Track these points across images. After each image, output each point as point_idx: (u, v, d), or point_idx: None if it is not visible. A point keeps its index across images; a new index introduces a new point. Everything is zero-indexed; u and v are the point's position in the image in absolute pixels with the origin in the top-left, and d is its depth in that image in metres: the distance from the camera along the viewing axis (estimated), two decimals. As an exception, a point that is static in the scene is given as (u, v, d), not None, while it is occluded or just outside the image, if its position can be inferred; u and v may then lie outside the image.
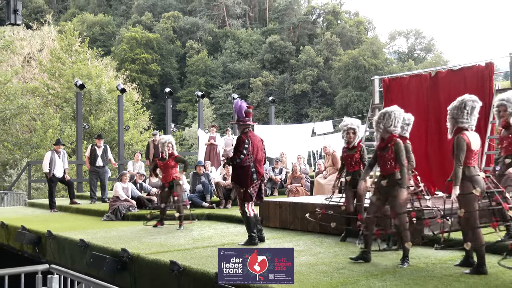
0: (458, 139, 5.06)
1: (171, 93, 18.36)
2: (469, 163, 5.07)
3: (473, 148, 5.07)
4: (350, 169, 7.04)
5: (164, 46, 66.24)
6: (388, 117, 5.71)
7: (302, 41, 68.54)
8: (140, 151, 18.04)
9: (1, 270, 4.99)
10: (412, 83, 9.79)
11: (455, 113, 5.16)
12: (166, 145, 8.99)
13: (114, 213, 10.66)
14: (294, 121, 53.47)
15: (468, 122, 5.15)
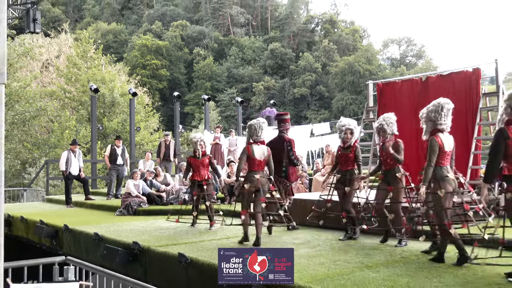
0: (432, 141, 5.09)
1: (179, 96, 18.35)
2: (442, 163, 5.11)
3: (445, 149, 5.11)
4: (343, 168, 6.98)
5: (173, 53, 66.26)
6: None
7: (302, 48, 68.48)
8: (150, 151, 18.04)
9: (20, 262, 4.99)
10: (404, 87, 9.76)
11: (432, 116, 5.17)
12: (199, 144, 8.22)
13: (126, 209, 10.66)
14: (293, 123, 53.26)
15: (445, 124, 5.18)
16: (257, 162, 6.67)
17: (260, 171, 6.70)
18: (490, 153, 4.32)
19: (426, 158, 5.10)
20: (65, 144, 23.83)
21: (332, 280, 4.51)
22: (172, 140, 14.64)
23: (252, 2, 78.28)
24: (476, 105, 8.45)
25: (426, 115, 5.23)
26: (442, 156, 5.08)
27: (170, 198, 11.46)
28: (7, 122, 24.32)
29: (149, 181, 11.89)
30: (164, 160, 13.90)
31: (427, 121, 5.23)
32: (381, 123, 6.33)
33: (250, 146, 6.72)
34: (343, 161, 6.96)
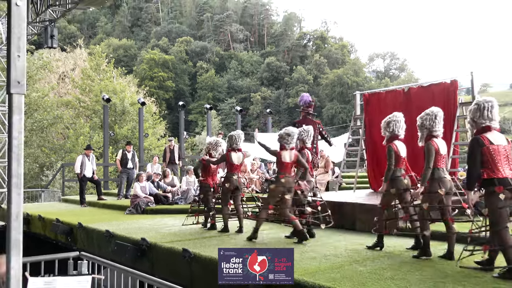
0: (428, 145, 5.10)
1: (184, 105, 18.35)
2: (438, 165, 5.11)
3: (441, 153, 5.12)
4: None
5: (178, 66, 66.36)
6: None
7: (295, 61, 68.67)
8: (157, 155, 18.00)
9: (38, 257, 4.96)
10: (388, 97, 9.78)
11: (427, 123, 5.19)
12: (218, 146, 7.93)
13: (135, 208, 10.62)
14: (288, 130, 53.44)
15: (439, 130, 5.22)
16: (234, 166, 7.33)
17: (237, 172, 7.39)
18: (469, 161, 4.35)
19: (425, 161, 5.12)
20: (79, 149, 23.78)
21: (323, 274, 4.48)
22: (176, 145, 14.61)
23: (250, 20, 78.57)
24: (454, 114, 8.46)
25: (422, 123, 5.24)
26: (438, 159, 5.10)
27: (175, 198, 11.42)
28: (27, 129, 24.26)
29: (156, 183, 11.85)
30: (170, 164, 13.86)
31: (422, 128, 5.25)
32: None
33: (229, 153, 7.35)
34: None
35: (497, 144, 4.28)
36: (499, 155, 4.25)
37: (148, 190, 11.18)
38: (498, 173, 4.21)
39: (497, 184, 4.17)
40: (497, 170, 4.22)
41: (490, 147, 4.25)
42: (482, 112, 4.36)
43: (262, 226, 6.62)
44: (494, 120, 4.39)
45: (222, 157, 7.49)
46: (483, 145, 4.27)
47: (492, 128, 4.37)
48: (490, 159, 4.25)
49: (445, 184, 5.04)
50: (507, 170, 4.25)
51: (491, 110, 4.37)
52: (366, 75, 67.35)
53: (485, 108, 4.36)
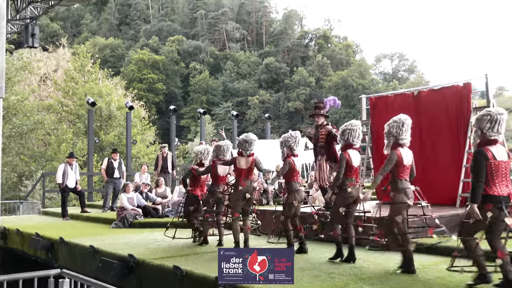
0: (392, 154, 5.31)
1: (175, 110, 18.36)
2: (401, 176, 5.33)
3: (405, 163, 5.32)
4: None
5: (169, 67, 66.49)
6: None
7: (296, 62, 68.90)
8: (146, 163, 17.97)
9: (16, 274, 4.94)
10: (396, 101, 9.81)
11: (394, 131, 5.37)
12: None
13: (122, 221, 10.58)
14: (288, 136, 53.52)
15: (406, 139, 5.40)
16: (220, 177, 7.56)
17: (222, 183, 7.59)
18: (475, 173, 4.48)
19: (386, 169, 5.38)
20: (61, 157, 23.72)
21: (327, 293, 4.46)
22: (170, 152, 14.58)
23: (247, 18, 78.90)
24: (467, 119, 8.49)
25: (388, 131, 5.42)
26: (402, 170, 5.31)
27: (166, 211, 11.38)
28: (5, 135, 24.21)
29: (144, 194, 11.82)
30: (162, 173, 13.81)
31: (389, 136, 5.42)
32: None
33: (215, 164, 7.51)
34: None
35: (499, 159, 4.46)
36: (498, 171, 4.44)
37: (136, 202, 11.14)
38: (494, 190, 4.41)
39: (489, 201, 4.38)
40: (494, 186, 4.42)
41: (492, 162, 4.43)
42: (493, 125, 4.50)
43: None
44: (501, 133, 4.55)
45: (208, 168, 7.69)
46: (487, 158, 4.43)
47: (498, 142, 4.53)
48: (489, 174, 4.42)
49: (408, 196, 5.28)
50: (503, 187, 4.45)
51: (502, 123, 4.52)
52: (373, 77, 67.62)
53: (496, 121, 4.50)
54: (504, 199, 4.39)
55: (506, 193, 4.43)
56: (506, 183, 4.47)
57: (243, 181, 6.87)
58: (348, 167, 5.86)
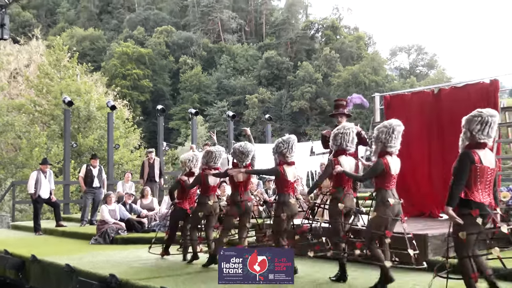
0: (378, 162, 5.51)
1: (163, 110, 18.37)
2: (387, 186, 5.51)
3: (392, 173, 5.50)
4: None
5: (157, 62, 66.55)
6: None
7: (300, 56, 68.98)
8: (130, 171, 17.95)
9: (-19, 297, 4.92)
10: (414, 100, 9.83)
11: (383, 137, 5.53)
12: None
13: (102, 237, 10.57)
14: (291, 140, 53.48)
15: (395, 146, 5.57)
16: (210, 187, 7.64)
17: (213, 194, 7.72)
18: (456, 175, 4.66)
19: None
20: (34, 163, 23.70)
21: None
22: (157, 158, 14.60)
23: (245, 6, 79.10)
24: (494, 121, 8.50)
25: (377, 136, 5.57)
26: (388, 179, 5.51)
27: (152, 225, 11.37)
28: (-31, 138, 24.20)
29: (128, 205, 11.81)
30: (148, 181, 13.82)
31: (377, 142, 5.58)
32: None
33: (205, 174, 7.57)
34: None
35: (485, 165, 4.66)
36: (482, 177, 4.64)
37: (118, 215, 11.14)
38: (476, 196, 4.60)
39: (473, 207, 4.55)
40: (476, 191, 4.61)
41: (478, 166, 4.62)
42: (484, 127, 4.71)
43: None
44: (491, 137, 4.76)
45: (197, 178, 7.74)
46: (473, 161, 4.63)
47: (487, 146, 4.75)
48: (473, 179, 4.62)
49: (392, 209, 5.45)
50: (485, 195, 4.65)
51: (493, 126, 4.74)
52: (388, 73, 67.70)
53: (487, 124, 4.71)
54: (485, 208, 4.59)
55: (487, 201, 4.64)
56: (489, 191, 4.69)
57: (243, 194, 7.10)
58: (340, 175, 5.96)
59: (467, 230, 4.54)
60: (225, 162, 15.27)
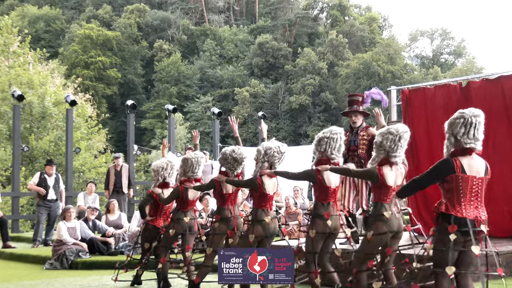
0: (372, 170, 5.67)
1: (135, 106, 18.33)
2: (383, 200, 5.65)
3: (390, 184, 5.63)
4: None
5: (127, 47, 66.43)
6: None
7: (301, 41, 69.12)
8: (94, 180, 17.90)
9: None
10: (438, 95, 9.85)
11: (387, 145, 5.65)
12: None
13: (59, 260, 10.52)
14: (290, 142, 53.53)
15: (399, 156, 5.73)
16: (190, 202, 7.72)
17: (192, 209, 7.82)
18: (425, 174, 5.00)
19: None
20: (-24, 171, 23.57)
21: None
22: (125, 165, 14.58)
23: (234, -20, 79.15)
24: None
25: (381, 142, 5.70)
26: (385, 191, 5.63)
27: (120, 246, 11.35)
28: None
29: (91, 222, 11.78)
30: (115, 193, 13.81)
31: (379, 149, 5.71)
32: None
33: (184, 187, 7.59)
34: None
35: (470, 174, 4.85)
36: (466, 188, 4.83)
37: (79, 233, 11.11)
38: (458, 211, 4.81)
39: (452, 222, 4.80)
40: (458, 206, 4.83)
41: (459, 176, 4.83)
42: (468, 130, 4.90)
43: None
44: (479, 140, 4.95)
45: (175, 192, 7.72)
46: (452, 171, 4.85)
47: (475, 151, 4.95)
48: (455, 190, 4.85)
49: (390, 224, 5.59)
50: (471, 209, 4.85)
51: (478, 127, 4.94)
52: (406, 62, 68.00)
53: (472, 125, 4.91)
54: (470, 223, 4.77)
55: (472, 216, 4.81)
56: (476, 204, 4.87)
57: (233, 209, 7.17)
58: (323, 189, 6.10)
59: (435, 246, 4.87)
60: (208, 169, 15.32)
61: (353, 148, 8.08)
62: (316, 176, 6.14)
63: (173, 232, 7.58)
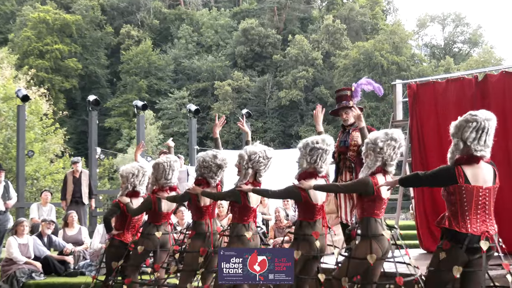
0: (366, 180, 5.69)
1: (98, 102, 18.29)
2: (376, 214, 5.72)
3: (383, 196, 5.71)
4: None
5: (88, 34, 66.18)
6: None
7: (292, 27, 69.23)
8: (49, 189, 17.81)
9: None
10: (450, 90, 9.89)
11: (387, 152, 5.72)
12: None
13: (9, 282, 10.47)
14: (279, 145, 53.62)
15: (393, 165, 5.86)
16: (163, 214, 7.78)
17: (166, 223, 7.92)
18: (429, 176, 5.07)
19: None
20: None
21: None
22: (86, 171, 14.53)
23: (214, -44, 79.19)
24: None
25: (381, 148, 5.71)
26: (378, 205, 5.71)
27: (81, 265, 11.32)
28: None
29: (46, 237, 11.72)
30: (73, 204, 13.77)
31: (376, 155, 5.74)
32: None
33: (157, 198, 7.64)
34: None
35: (475, 184, 4.87)
36: (471, 200, 4.85)
37: (32, 251, 11.05)
38: (462, 226, 4.85)
39: (457, 239, 4.84)
40: (462, 220, 4.87)
41: (463, 187, 4.87)
42: (480, 136, 4.95)
43: None
44: (489, 147, 5.02)
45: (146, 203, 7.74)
46: (454, 181, 4.90)
47: (483, 159, 4.98)
48: (458, 203, 4.88)
49: (382, 244, 5.65)
50: (477, 223, 4.87)
51: (490, 133, 5.00)
52: (414, 52, 68.26)
53: (484, 130, 4.95)
54: (473, 239, 4.81)
55: (479, 231, 4.84)
56: (484, 218, 4.91)
57: (211, 223, 7.21)
58: (309, 206, 6.29)
59: (429, 266, 4.98)
60: (183, 176, 15.29)
61: (343, 150, 8.10)
62: (300, 194, 6.25)
63: (142, 249, 7.54)
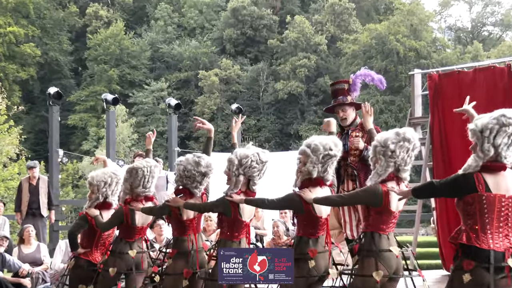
0: (374, 188, 5.74)
1: (60, 95, 18.28)
2: (383, 229, 5.80)
3: (393, 209, 5.77)
4: None
5: (48, 14, 66.18)
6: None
7: (290, 7, 69.35)
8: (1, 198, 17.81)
9: None
10: (479, 80, 9.95)
11: (400, 155, 5.78)
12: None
13: (-46, 309, 10.52)
14: (276, 146, 53.70)
15: (408, 171, 5.90)
16: (137, 229, 7.82)
17: (140, 239, 7.95)
18: (444, 184, 5.08)
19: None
20: None
21: None
22: (44, 177, 14.54)
23: None
24: None
25: (392, 152, 5.76)
26: (386, 219, 5.81)
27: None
28: None
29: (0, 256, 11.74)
30: (30, 216, 13.78)
31: (388, 160, 5.79)
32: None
33: (130, 209, 7.64)
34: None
35: (498, 192, 4.88)
36: (493, 211, 4.87)
37: (-19, 272, 11.09)
38: (483, 241, 4.85)
39: (472, 256, 4.85)
40: (483, 235, 4.87)
41: (483, 196, 4.86)
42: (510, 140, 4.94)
43: None
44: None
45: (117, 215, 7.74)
46: (473, 189, 4.89)
47: (508, 167, 4.98)
48: (478, 215, 4.89)
49: (389, 262, 5.73)
50: (500, 238, 4.89)
51: None
52: (436, 36, 68.36)
53: None
54: (497, 256, 4.81)
55: (502, 247, 4.85)
56: (507, 232, 4.93)
57: (196, 239, 7.28)
58: (312, 219, 6.39)
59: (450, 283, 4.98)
60: (161, 183, 15.31)
61: (344, 155, 7.88)
62: (301, 204, 6.28)
63: (113, 271, 7.53)
